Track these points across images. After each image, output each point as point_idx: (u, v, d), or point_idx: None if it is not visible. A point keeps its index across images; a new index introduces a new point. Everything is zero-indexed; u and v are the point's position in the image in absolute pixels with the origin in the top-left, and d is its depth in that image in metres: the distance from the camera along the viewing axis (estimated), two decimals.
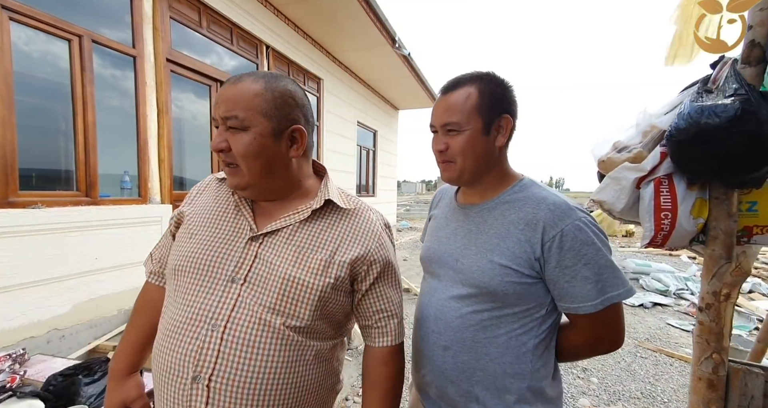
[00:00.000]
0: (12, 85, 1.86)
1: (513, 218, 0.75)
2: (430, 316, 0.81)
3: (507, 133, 0.77)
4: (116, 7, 2.41)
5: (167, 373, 0.64)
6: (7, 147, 1.84)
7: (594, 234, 0.70)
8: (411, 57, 5.44)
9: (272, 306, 0.64)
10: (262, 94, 0.65)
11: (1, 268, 1.80)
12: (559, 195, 0.76)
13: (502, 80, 0.77)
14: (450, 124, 0.75)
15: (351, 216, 0.75)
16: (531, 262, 0.71)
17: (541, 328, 0.75)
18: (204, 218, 0.74)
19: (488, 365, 0.75)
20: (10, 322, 1.84)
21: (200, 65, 3.06)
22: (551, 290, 0.74)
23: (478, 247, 0.77)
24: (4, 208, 1.82)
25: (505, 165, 0.81)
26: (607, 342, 0.76)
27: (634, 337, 3.21)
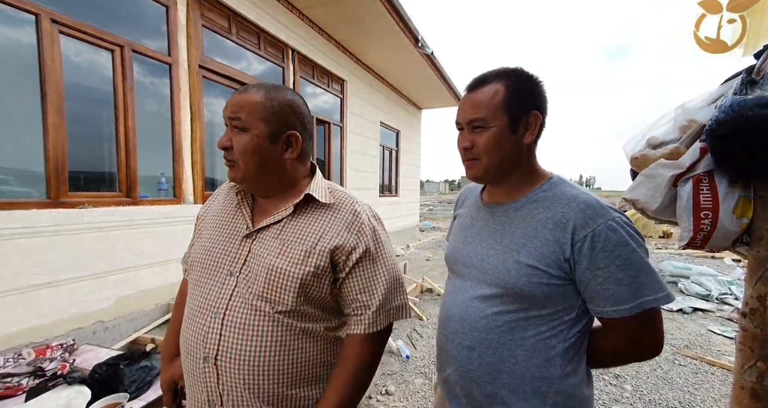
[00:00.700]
0: (63, 94, 2.01)
1: (541, 217, 0.73)
2: (455, 316, 0.81)
3: (535, 130, 0.75)
4: (154, 18, 2.55)
5: (186, 354, 0.75)
6: (58, 151, 1.99)
7: (628, 234, 0.67)
8: (434, 56, 5.41)
9: (261, 294, 0.72)
10: (262, 102, 0.74)
11: (54, 264, 1.95)
12: (590, 194, 0.73)
13: (530, 75, 0.75)
14: (476, 120, 0.74)
15: (334, 209, 0.79)
16: (560, 262, 0.69)
17: (571, 332, 0.72)
18: (213, 220, 0.85)
19: (515, 368, 0.73)
20: (61, 314, 1.99)
21: (230, 70, 3.18)
22: (582, 293, 0.71)
23: (504, 246, 0.76)
24: (56, 208, 1.97)
25: (533, 163, 0.79)
26: (643, 349, 0.73)
27: (672, 344, 3.04)
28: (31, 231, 1.85)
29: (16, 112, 1.90)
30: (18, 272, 1.81)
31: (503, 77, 0.74)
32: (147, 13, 2.51)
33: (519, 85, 0.74)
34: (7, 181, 1.88)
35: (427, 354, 2.65)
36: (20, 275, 1.82)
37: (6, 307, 1.78)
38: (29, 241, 1.85)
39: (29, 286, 1.86)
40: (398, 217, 7.53)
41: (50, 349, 1.83)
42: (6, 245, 1.77)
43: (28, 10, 1.86)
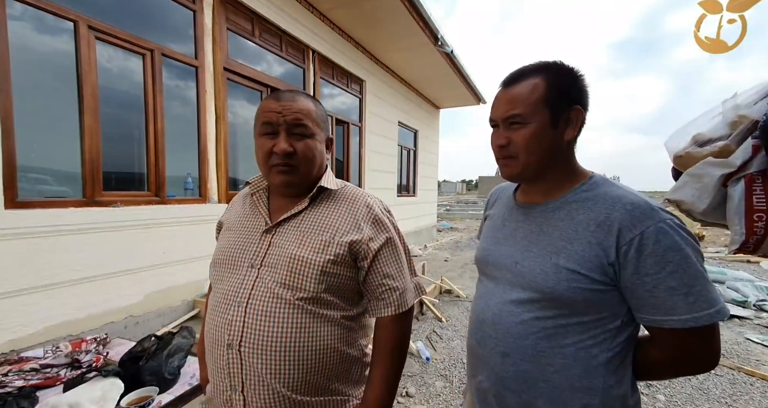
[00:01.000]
0: (98, 98, 2.09)
1: (582, 219, 0.68)
2: (487, 320, 0.78)
3: (577, 126, 0.71)
4: (181, 22, 2.63)
5: (211, 343, 0.78)
6: (93, 152, 2.08)
7: (682, 238, 0.61)
8: (454, 54, 5.35)
9: (283, 281, 0.75)
10: (315, 110, 0.81)
11: (88, 260, 2.03)
12: (638, 194, 0.68)
13: (571, 69, 0.72)
14: (513, 116, 0.71)
15: (348, 203, 0.84)
16: (603, 267, 0.64)
17: (615, 341, 0.67)
18: (233, 221, 0.90)
19: (553, 377, 0.69)
20: (95, 308, 2.07)
21: (252, 72, 3.24)
22: (628, 300, 0.66)
23: (541, 249, 0.72)
24: (91, 207, 2.06)
25: (572, 161, 0.75)
26: (696, 363, 0.67)
27: None
28: (68, 228, 1.94)
29: (56, 115, 2.00)
30: (57, 267, 1.90)
31: (542, 71, 0.71)
32: (175, 17, 2.59)
33: (559, 78, 0.70)
34: (47, 181, 1.98)
35: (447, 356, 2.62)
36: (59, 270, 1.91)
37: (46, 301, 1.87)
38: (67, 238, 1.94)
39: (67, 281, 1.95)
40: (416, 217, 7.50)
41: (85, 343, 1.91)
42: (46, 242, 1.86)
43: (68, 17, 1.95)
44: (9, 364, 1.68)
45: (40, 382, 1.56)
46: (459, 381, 2.29)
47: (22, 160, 1.80)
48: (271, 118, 0.77)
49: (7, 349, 1.75)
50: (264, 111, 0.79)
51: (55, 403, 1.15)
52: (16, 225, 1.74)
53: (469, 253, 7.01)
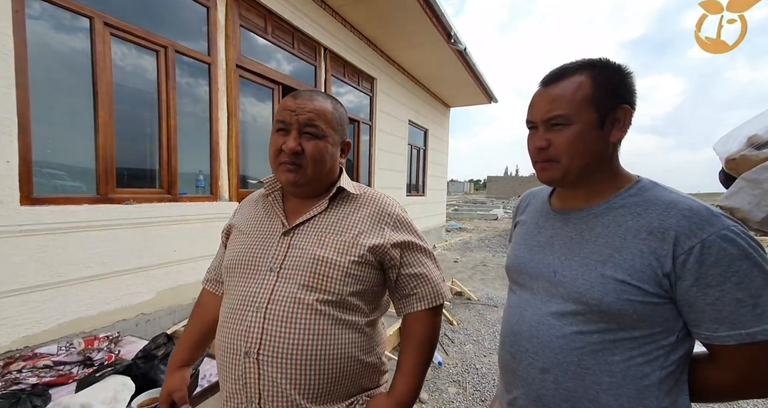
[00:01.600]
0: (112, 95, 2.08)
1: (631, 225, 0.64)
2: (524, 333, 0.73)
3: (625, 127, 0.67)
4: (195, 19, 2.61)
5: (225, 351, 0.75)
6: (107, 149, 2.07)
7: (750, 246, 0.56)
8: (467, 52, 5.27)
9: (306, 283, 0.73)
10: (332, 112, 0.80)
11: (102, 257, 2.03)
12: (695, 199, 0.63)
13: (618, 66, 0.67)
14: (556, 117, 0.66)
15: (367, 204, 0.83)
16: (657, 278, 0.59)
17: (669, 359, 0.62)
18: (246, 224, 0.87)
19: (600, 396, 0.64)
20: (107, 306, 2.07)
21: (264, 69, 3.22)
22: (685, 314, 0.61)
23: (584, 258, 0.67)
24: (104, 204, 2.06)
25: (616, 164, 0.71)
26: (763, 383, 0.60)
27: None
28: (82, 225, 1.94)
29: (70, 112, 2.00)
30: (70, 264, 1.90)
31: (587, 68, 0.67)
32: (189, 14, 2.57)
33: (606, 76, 0.66)
34: (62, 178, 1.97)
35: (459, 361, 2.57)
36: (72, 267, 1.91)
37: (60, 297, 1.87)
38: (80, 235, 1.94)
39: (79, 278, 1.95)
40: (425, 217, 7.44)
41: (97, 340, 1.91)
42: (61, 238, 1.86)
43: (83, 14, 1.94)
44: (23, 360, 1.69)
45: (53, 380, 1.56)
46: (473, 388, 2.24)
47: (37, 157, 1.80)
48: (285, 117, 0.77)
49: (21, 345, 1.75)
50: (281, 109, 0.79)
51: (67, 403, 1.14)
52: (31, 221, 1.74)
53: (479, 254, 6.93)
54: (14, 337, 1.72)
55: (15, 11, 1.66)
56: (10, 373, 1.58)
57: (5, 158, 1.64)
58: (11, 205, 1.67)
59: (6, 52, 1.63)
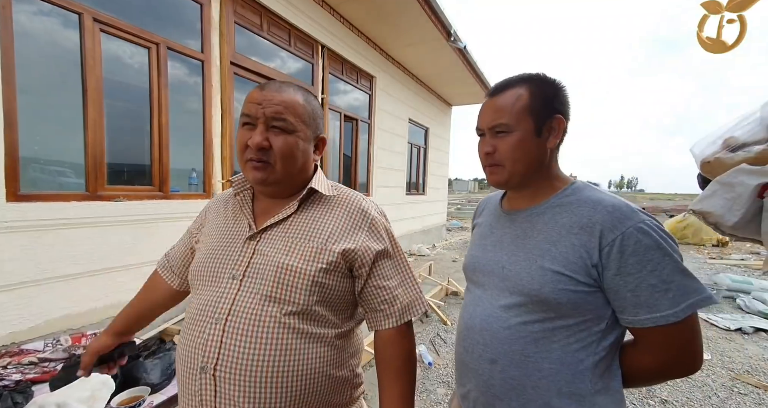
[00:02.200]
0: (102, 91, 2.08)
1: (566, 222, 0.70)
2: (475, 327, 0.77)
3: (559, 135, 0.75)
4: (188, 16, 2.60)
5: (182, 365, 0.71)
6: (97, 146, 2.07)
7: (661, 238, 0.63)
8: (467, 50, 5.22)
9: (269, 294, 0.68)
10: (303, 105, 0.75)
11: (90, 254, 2.03)
12: (617, 197, 0.71)
13: (553, 80, 0.75)
14: (499, 125, 0.74)
15: (341, 206, 0.78)
16: (587, 268, 0.66)
17: (600, 345, 0.68)
18: (212, 229, 0.82)
19: (541, 382, 0.69)
20: (96, 303, 2.07)
21: (260, 67, 3.21)
22: (612, 301, 0.67)
23: (527, 252, 0.73)
24: (94, 201, 2.05)
25: (555, 168, 0.79)
26: (681, 363, 0.67)
27: (730, 368, 2.73)
28: (71, 222, 1.94)
29: (59, 109, 1.99)
30: (58, 261, 1.90)
31: (526, 82, 0.74)
32: (182, 11, 2.56)
33: (542, 89, 0.74)
34: (50, 174, 1.97)
35: (450, 362, 2.55)
36: (60, 264, 1.91)
37: (47, 294, 1.87)
38: (69, 232, 1.94)
39: (68, 275, 1.95)
40: (425, 216, 7.41)
41: (84, 337, 1.92)
42: (48, 235, 1.86)
43: (72, 10, 1.94)
44: (9, 356, 1.69)
45: (37, 377, 1.56)
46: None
47: (24, 153, 1.79)
48: (251, 110, 0.71)
49: (8, 341, 1.76)
50: (247, 101, 0.73)
51: (42, 402, 1.13)
52: (18, 218, 1.74)
53: None
54: (0, 333, 1.72)
55: (2, 7, 1.66)
56: None
57: None
58: None
59: None
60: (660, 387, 2.39)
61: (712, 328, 3.57)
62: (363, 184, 5.19)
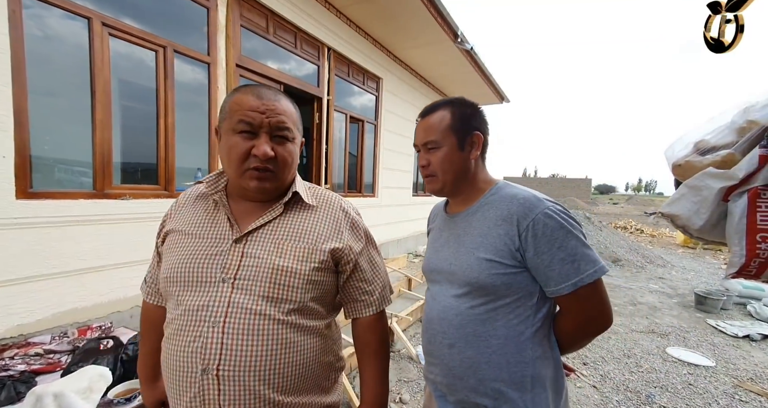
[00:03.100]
0: (110, 93, 2.15)
1: (491, 216, 0.83)
2: (434, 318, 0.89)
3: (479, 148, 0.88)
4: (195, 19, 2.67)
5: (177, 370, 0.70)
6: (105, 146, 2.14)
7: (563, 219, 0.76)
8: (474, 51, 5.20)
9: (265, 295, 0.70)
10: (294, 112, 0.78)
11: (97, 251, 2.10)
12: (528, 190, 0.84)
13: (472, 103, 0.90)
14: (430, 142, 0.87)
15: (324, 208, 0.82)
16: (512, 252, 0.78)
17: (536, 317, 0.80)
18: (187, 229, 0.80)
19: (492, 357, 0.80)
20: (101, 297, 2.14)
21: (266, 69, 3.26)
22: (536, 277, 0.79)
23: (466, 247, 0.85)
24: (101, 199, 2.13)
25: (481, 174, 0.92)
26: (594, 321, 0.79)
27: (733, 376, 2.67)
28: (78, 219, 2.01)
29: (68, 110, 2.07)
30: (65, 257, 1.97)
31: (449, 105, 0.88)
32: (189, 14, 2.63)
33: (462, 110, 0.87)
34: (58, 173, 2.05)
35: None
36: (67, 260, 1.98)
37: (55, 288, 1.95)
38: (76, 229, 2.01)
39: (75, 271, 2.02)
40: None
41: (90, 331, 1.99)
42: (56, 232, 1.93)
43: (81, 14, 2.01)
44: (17, 347, 1.76)
45: (41, 368, 1.63)
46: None
47: (34, 152, 1.87)
48: (253, 118, 0.70)
49: (15, 333, 1.83)
50: (243, 108, 0.71)
51: (40, 392, 1.18)
52: (27, 214, 1.82)
53: None
54: (8, 325, 1.80)
55: (12, 11, 1.74)
56: (2, 359, 1.66)
57: (1, 154, 1.72)
58: (7, 198, 1.75)
59: (2, 51, 1.70)
60: (660, 393, 2.34)
61: (720, 334, 3.49)
62: (369, 185, 5.22)
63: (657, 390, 2.38)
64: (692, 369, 2.73)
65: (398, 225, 5.87)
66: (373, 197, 5.22)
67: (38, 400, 1.19)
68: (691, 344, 3.22)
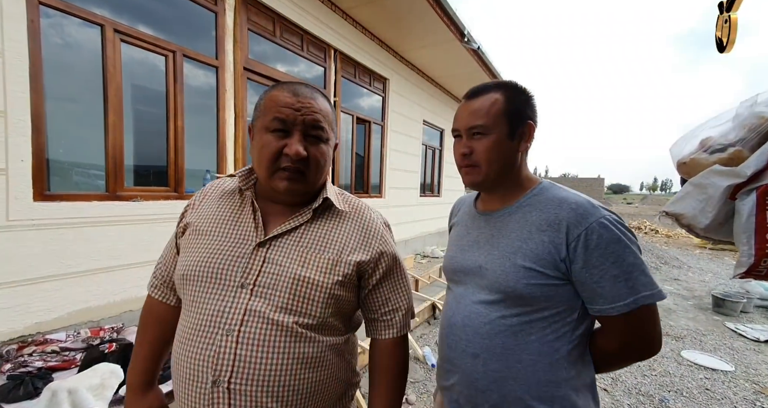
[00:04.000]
0: (122, 97, 2.21)
1: (535, 220, 0.74)
2: (458, 323, 0.81)
3: (530, 140, 0.79)
4: (203, 24, 2.72)
5: (187, 378, 0.66)
6: (117, 149, 2.20)
7: (620, 232, 0.68)
8: (481, 51, 5.17)
9: (284, 306, 0.66)
10: (331, 112, 0.75)
11: (109, 251, 2.15)
12: (580, 195, 0.75)
13: (525, 89, 0.80)
14: (476, 127, 0.77)
15: (352, 218, 0.78)
16: (556, 263, 0.70)
17: (574, 334, 0.73)
18: (209, 226, 0.75)
19: (521, 373, 0.72)
20: (114, 297, 2.20)
21: (273, 72, 3.30)
22: (580, 292, 0.71)
23: (501, 251, 0.77)
24: (113, 201, 2.18)
25: (525, 170, 0.83)
26: (640, 347, 0.72)
27: (754, 381, 2.58)
28: (91, 221, 2.06)
29: (82, 114, 2.13)
30: (79, 257, 2.03)
31: (502, 88, 0.78)
32: (197, 20, 2.68)
33: (516, 96, 0.78)
34: (73, 176, 2.11)
35: None
36: (81, 260, 2.04)
37: (69, 287, 2.00)
38: (89, 230, 2.06)
39: (88, 270, 2.07)
40: (440, 217, 7.36)
41: (102, 331, 2.03)
42: (70, 233, 1.99)
43: (95, 22, 2.07)
44: (35, 344, 1.82)
45: (57, 365, 1.68)
46: None
47: (51, 156, 1.93)
48: (287, 115, 0.67)
49: (33, 330, 1.89)
50: (277, 104, 0.68)
51: (56, 388, 1.22)
52: (44, 216, 1.87)
53: None
54: (27, 322, 1.86)
55: (30, 21, 1.80)
56: (22, 356, 1.71)
57: (20, 157, 1.77)
58: (25, 200, 1.81)
59: (22, 59, 1.76)
60: (674, 398, 2.29)
61: (740, 338, 3.38)
62: (375, 185, 5.22)
63: (671, 394, 2.33)
64: (709, 373, 2.66)
65: (405, 226, 5.86)
66: (380, 198, 5.23)
67: (54, 395, 1.23)
68: (708, 348, 3.14)
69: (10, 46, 1.73)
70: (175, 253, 0.84)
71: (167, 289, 0.86)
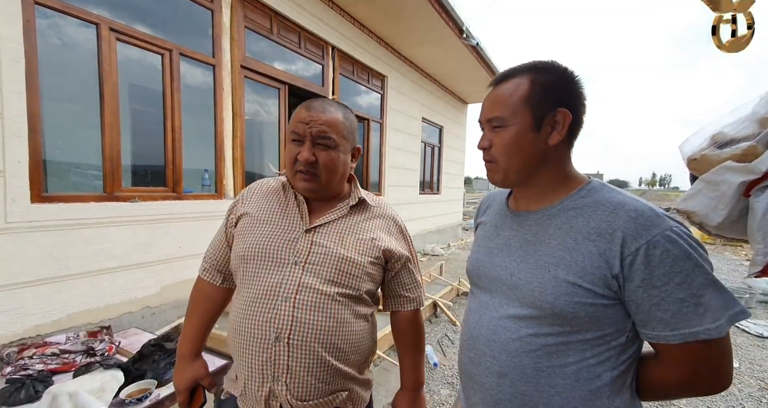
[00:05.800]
0: (118, 97, 2.18)
1: (582, 227, 0.63)
2: (482, 337, 0.72)
3: (563, 131, 0.66)
4: (200, 22, 2.68)
5: (251, 337, 0.80)
6: (114, 149, 2.17)
7: (691, 247, 0.56)
8: (480, 47, 5.14)
9: (330, 279, 0.82)
10: (343, 122, 0.87)
11: (108, 252, 2.14)
12: (640, 200, 0.63)
13: (564, 70, 0.67)
14: (494, 118, 0.68)
15: (379, 216, 0.95)
16: (606, 279, 0.59)
17: (620, 359, 0.63)
18: (264, 215, 0.91)
19: (554, 399, 0.64)
20: (113, 299, 2.18)
21: (270, 69, 3.27)
22: (633, 314, 0.61)
23: (538, 260, 0.66)
24: (111, 202, 2.16)
25: (564, 166, 0.71)
26: (708, 381, 0.61)
27: (759, 378, 2.57)
28: (89, 222, 2.04)
29: (78, 114, 2.10)
30: (78, 259, 2.01)
31: (530, 70, 0.67)
32: (194, 18, 2.65)
33: (547, 79, 0.66)
34: (70, 177, 2.09)
35: (455, 363, 2.52)
36: (80, 262, 2.02)
37: (69, 290, 1.99)
38: (87, 231, 2.04)
39: (87, 272, 2.06)
40: (440, 215, 7.35)
41: (101, 334, 2.02)
42: (69, 234, 1.97)
43: (90, 21, 2.04)
44: (35, 347, 1.80)
45: (57, 367, 1.66)
46: None
47: (47, 157, 1.91)
48: (299, 128, 0.83)
49: (33, 333, 1.87)
50: (295, 119, 0.85)
51: (56, 391, 1.20)
52: (41, 218, 1.85)
53: None
54: (27, 325, 1.84)
55: (26, 21, 1.77)
56: (22, 359, 1.70)
57: (16, 159, 1.75)
58: (22, 202, 1.79)
59: (17, 60, 1.74)
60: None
61: (743, 334, 3.38)
62: (375, 183, 5.21)
63: None
64: None
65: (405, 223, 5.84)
66: (379, 196, 5.21)
67: (54, 399, 1.22)
68: None
69: (5, 46, 1.70)
70: (225, 241, 1.00)
71: (216, 272, 1.03)
